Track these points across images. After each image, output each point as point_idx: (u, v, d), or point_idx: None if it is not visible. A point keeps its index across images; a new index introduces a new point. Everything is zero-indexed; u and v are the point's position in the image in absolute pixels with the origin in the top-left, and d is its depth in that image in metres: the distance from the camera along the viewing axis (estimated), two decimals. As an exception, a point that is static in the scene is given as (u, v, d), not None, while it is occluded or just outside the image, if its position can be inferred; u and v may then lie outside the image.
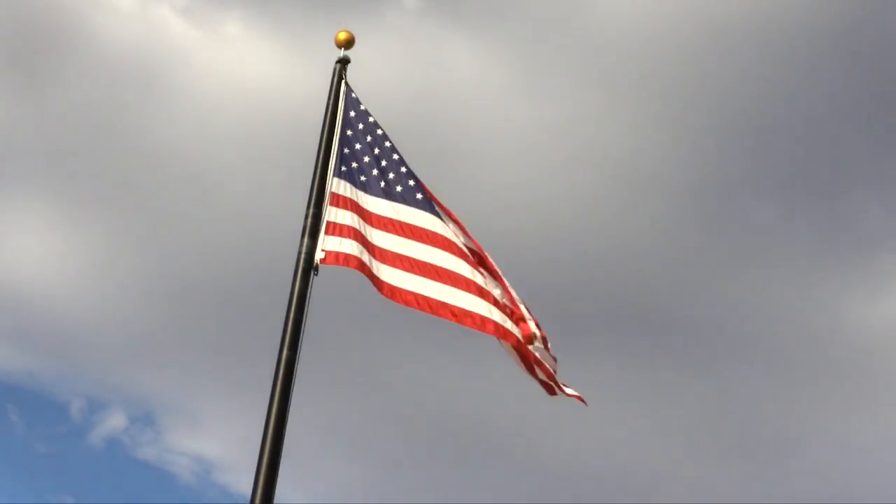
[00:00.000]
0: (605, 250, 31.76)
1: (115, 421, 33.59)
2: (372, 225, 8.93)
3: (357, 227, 8.69)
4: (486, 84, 30.93)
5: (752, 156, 33.18)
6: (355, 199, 8.91)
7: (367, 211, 8.98)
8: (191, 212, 30.93)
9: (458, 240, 9.16)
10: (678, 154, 32.11)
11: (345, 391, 28.50)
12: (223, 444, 33.41)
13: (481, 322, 8.55)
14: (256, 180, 28.85)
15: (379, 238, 8.87)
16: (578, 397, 9.25)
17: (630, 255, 31.83)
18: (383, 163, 9.26)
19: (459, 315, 8.54)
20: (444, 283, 8.68)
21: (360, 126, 9.32)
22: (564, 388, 9.21)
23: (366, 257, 8.56)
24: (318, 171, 8.88)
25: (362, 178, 9.11)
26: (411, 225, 9.01)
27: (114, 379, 33.38)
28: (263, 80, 30.58)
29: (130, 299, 31.50)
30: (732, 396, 31.81)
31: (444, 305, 8.57)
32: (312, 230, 8.50)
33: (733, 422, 31.68)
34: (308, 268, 8.30)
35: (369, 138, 9.32)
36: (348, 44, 9.42)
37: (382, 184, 9.15)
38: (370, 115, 9.44)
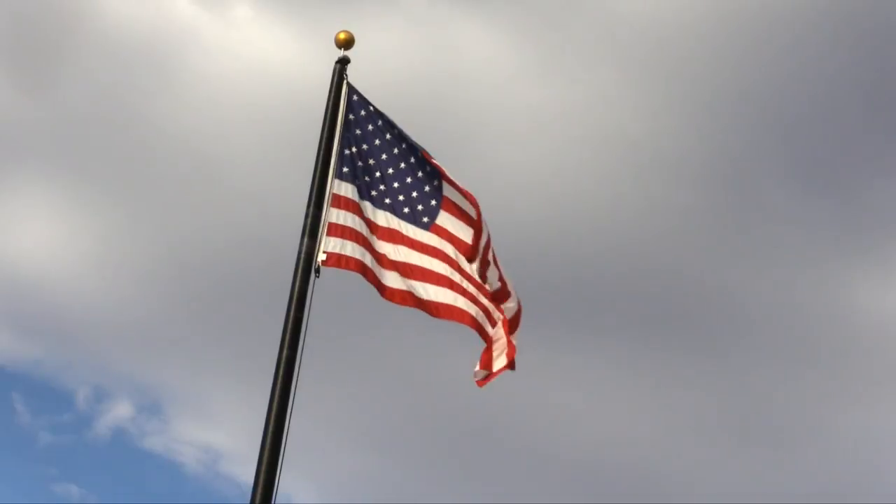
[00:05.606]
0: (618, 234, 31.64)
1: (121, 410, 33.57)
2: (373, 232, 9.11)
3: (358, 229, 8.89)
4: (499, 65, 30.80)
5: (768, 141, 33.01)
6: (357, 201, 9.02)
7: (367, 218, 9.12)
8: (199, 198, 30.92)
9: (449, 247, 9.29)
10: (692, 137, 31.96)
11: (355, 386, 28.46)
12: (230, 433, 33.42)
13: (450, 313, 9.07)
14: (266, 166, 28.76)
15: (379, 246, 9.10)
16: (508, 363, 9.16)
17: (642, 239, 31.68)
18: (386, 171, 9.29)
19: (440, 310, 9.03)
20: (430, 282, 9.06)
21: (360, 131, 9.29)
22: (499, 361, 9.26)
23: (368, 260, 8.85)
24: (318, 171, 8.88)
25: (366, 178, 9.20)
26: (403, 235, 9.18)
27: (120, 368, 33.36)
28: (274, 63, 30.46)
29: (137, 287, 31.51)
30: (746, 384, 31.78)
31: (429, 303, 9.02)
32: (312, 230, 8.56)
33: (747, 410, 31.66)
34: (308, 267, 8.36)
35: (373, 143, 9.31)
36: (348, 44, 9.30)
37: (373, 193, 9.22)
38: (377, 119, 9.36)
